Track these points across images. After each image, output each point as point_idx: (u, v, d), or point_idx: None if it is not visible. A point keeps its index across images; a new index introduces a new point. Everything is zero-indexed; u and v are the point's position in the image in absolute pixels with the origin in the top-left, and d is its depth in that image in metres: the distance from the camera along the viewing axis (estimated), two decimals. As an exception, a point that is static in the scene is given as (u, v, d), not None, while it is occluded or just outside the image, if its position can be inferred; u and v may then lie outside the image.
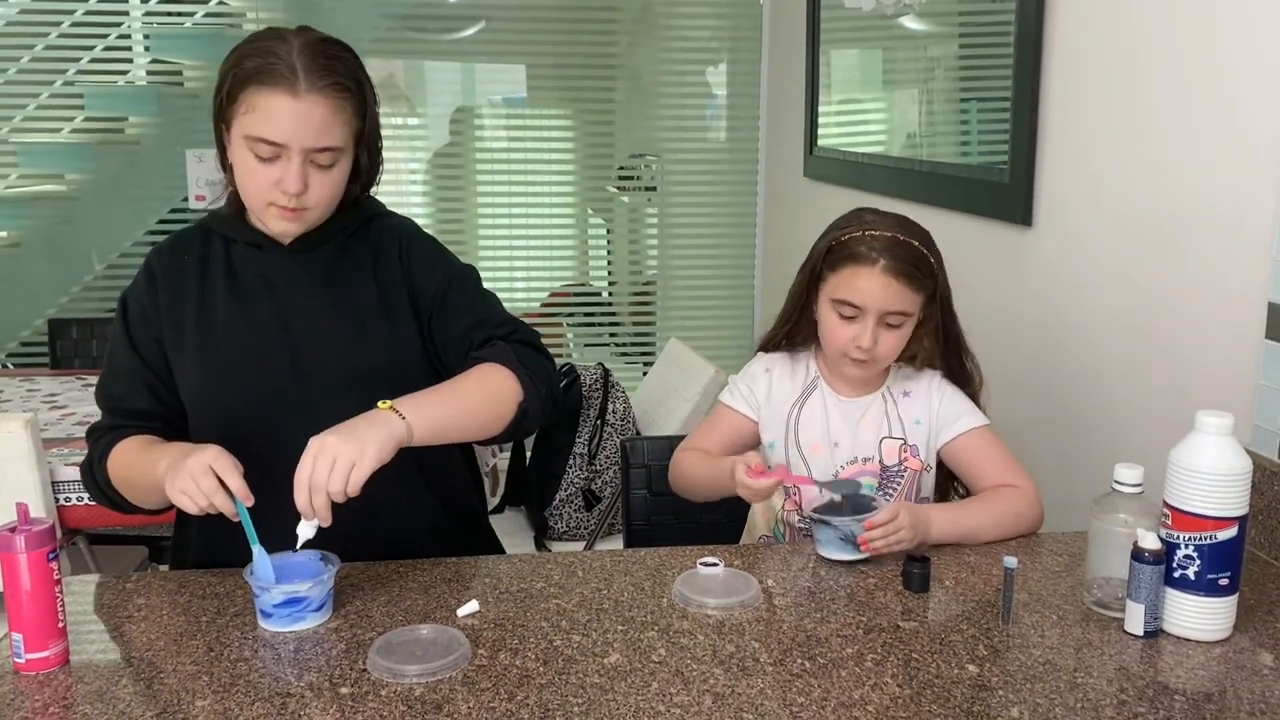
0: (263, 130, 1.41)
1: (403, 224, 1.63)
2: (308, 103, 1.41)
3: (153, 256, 1.58)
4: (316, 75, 1.41)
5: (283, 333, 1.52)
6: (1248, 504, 1.23)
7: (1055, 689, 1.14)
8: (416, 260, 1.58)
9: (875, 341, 1.57)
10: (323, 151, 1.44)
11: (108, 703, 1.11)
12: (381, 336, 1.54)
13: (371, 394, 1.42)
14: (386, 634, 1.24)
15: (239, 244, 1.55)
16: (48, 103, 3.96)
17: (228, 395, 1.51)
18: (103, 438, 1.53)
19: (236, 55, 1.44)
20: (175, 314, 1.53)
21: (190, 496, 1.30)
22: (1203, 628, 1.24)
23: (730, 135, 4.23)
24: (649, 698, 1.11)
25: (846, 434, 1.65)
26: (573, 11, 4.04)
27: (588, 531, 2.78)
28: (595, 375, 2.86)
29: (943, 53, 2.64)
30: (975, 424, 1.65)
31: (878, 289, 1.55)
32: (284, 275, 1.54)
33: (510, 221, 4.21)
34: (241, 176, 1.47)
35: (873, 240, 1.57)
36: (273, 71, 1.40)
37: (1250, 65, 1.54)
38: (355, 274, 1.57)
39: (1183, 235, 1.69)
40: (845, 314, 1.58)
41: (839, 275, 1.58)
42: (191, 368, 1.52)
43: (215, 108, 1.47)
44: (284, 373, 1.51)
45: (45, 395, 2.85)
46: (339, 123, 1.45)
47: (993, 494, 1.59)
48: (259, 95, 1.41)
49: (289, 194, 1.44)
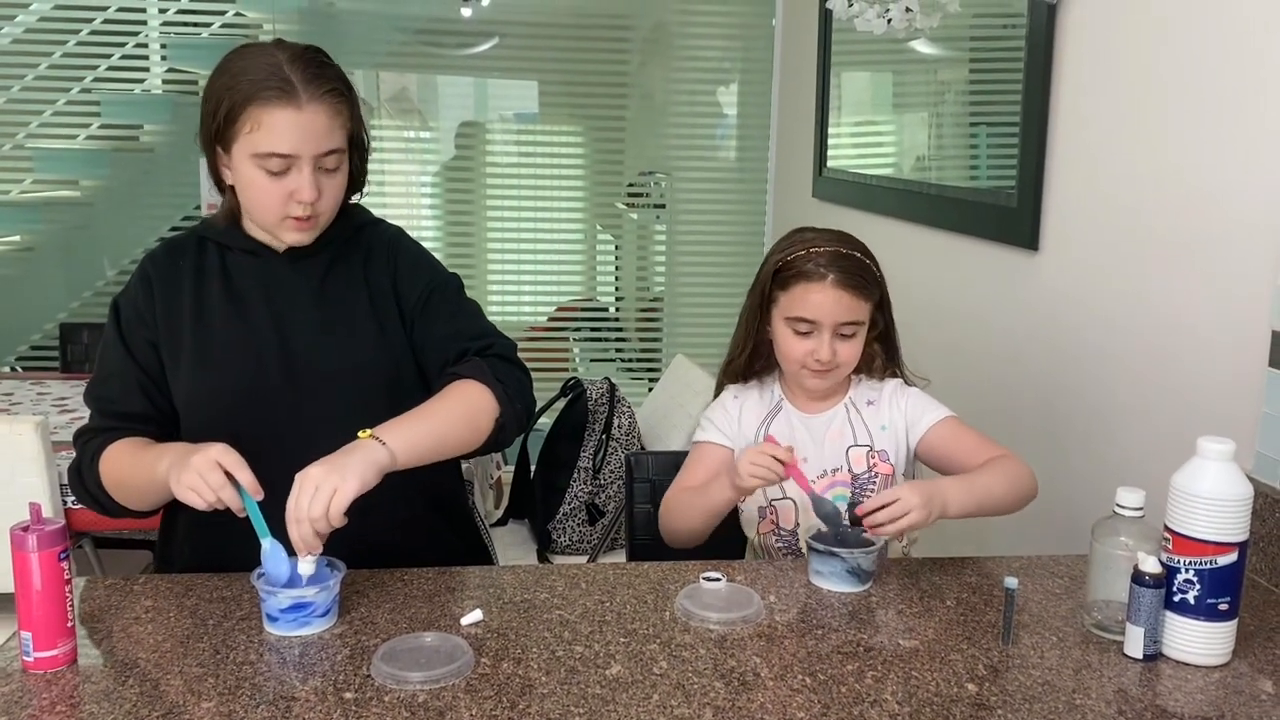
0: (272, 145, 1.43)
1: (390, 230, 1.67)
2: (309, 112, 1.44)
3: (147, 261, 1.60)
4: (314, 85, 1.45)
5: (278, 338, 1.54)
6: (1248, 530, 1.23)
7: (1054, 709, 1.14)
8: (402, 266, 1.62)
9: (834, 353, 1.62)
10: (329, 155, 1.48)
11: (114, 702, 1.12)
12: (372, 341, 1.56)
13: (364, 398, 1.44)
14: (391, 641, 1.25)
15: (235, 251, 1.58)
16: (64, 109, 4.00)
17: (222, 399, 1.52)
18: (94, 439, 1.53)
19: (227, 77, 1.45)
20: (171, 319, 1.55)
21: (199, 492, 1.31)
22: (1202, 652, 1.24)
23: (740, 155, 4.25)
24: (650, 709, 1.12)
25: (813, 448, 1.69)
26: (586, 29, 4.08)
27: (590, 546, 2.79)
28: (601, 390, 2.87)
29: (953, 77, 2.66)
30: (942, 415, 1.69)
31: (830, 302, 1.60)
32: (279, 282, 1.57)
33: (519, 236, 4.23)
34: (252, 194, 1.49)
35: (818, 256, 1.62)
36: (272, 87, 1.43)
37: (1257, 94, 1.55)
38: (348, 280, 1.59)
39: (1187, 262, 1.70)
40: (800, 330, 1.63)
41: (790, 294, 1.63)
42: (187, 372, 1.53)
43: (210, 132, 1.48)
44: (278, 377, 1.53)
45: (55, 399, 2.87)
46: (338, 126, 1.48)
47: (987, 464, 1.61)
48: (262, 112, 1.43)
49: (305, 204, 1.47)
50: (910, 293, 2.73)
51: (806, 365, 1.64)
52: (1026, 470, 1.60)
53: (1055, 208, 2.09)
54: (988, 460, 1.61)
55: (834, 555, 1.44)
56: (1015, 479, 1.58)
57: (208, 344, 1.53)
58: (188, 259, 1.58)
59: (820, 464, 1.68)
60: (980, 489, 1.55)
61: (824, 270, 1.61)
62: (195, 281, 1.56)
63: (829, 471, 1.67)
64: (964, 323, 2.47)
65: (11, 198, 4.05)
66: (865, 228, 3.10)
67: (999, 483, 1.56)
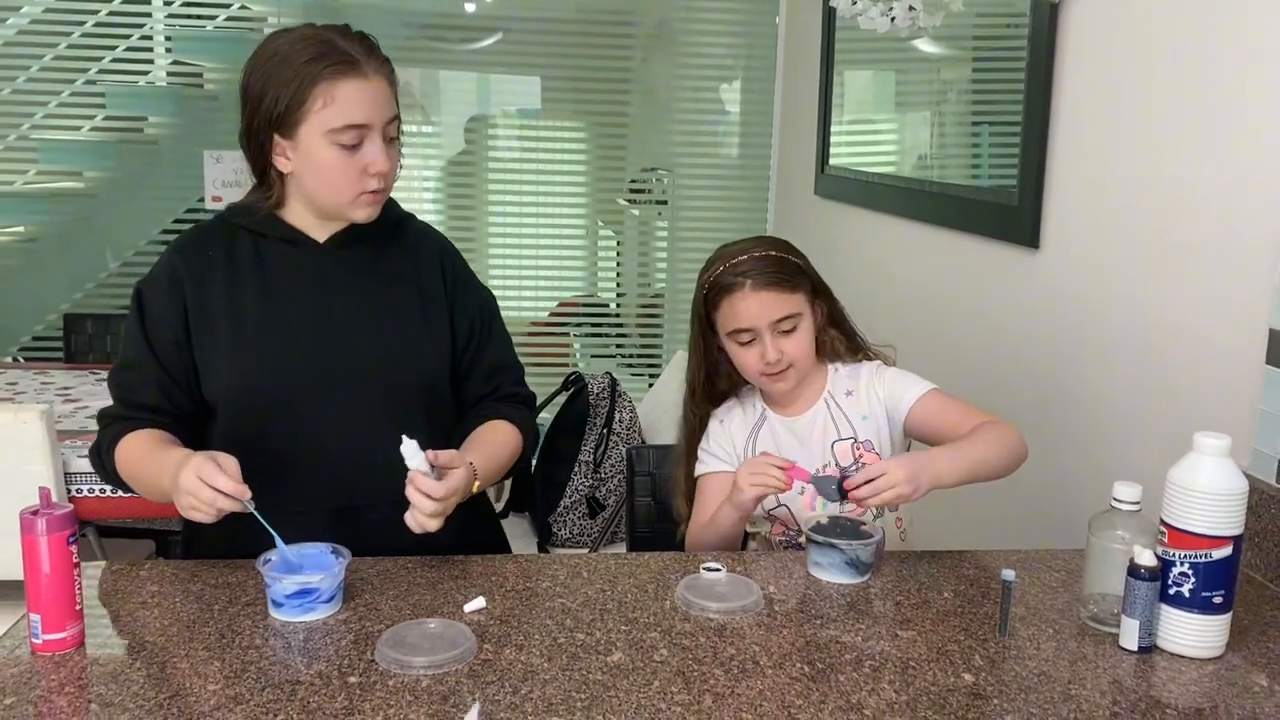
0: (348, 116, 1.46)
1: (438, 235, 1.71)
2: (375, 82, 1.49)
3: (174, 255, 1.57)
4: (372, 55, 1.49)
5: (316, 328, 1.55)
6: (1243, 524, 1.25)
7: (1049, 700, 1.16)
8: (459, 281, 1.67)
9: (780, 352, 1.64)
10: (392, 123, 1.51)
11: (121, 684, 1.14)
12: (414, 337, 1.59)
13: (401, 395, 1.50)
14: (394, 627, 1.27)
15: (269, 239, 1.57)
16: (69, 100, 4.01)
17: (259, 389, 1.53)
18: (112, 425, 1.55)
19: (277, 61, 1.46)
20: (204, 314, 1.54)
21: (198, 509, 1.33)
22: (1196, 644, 1.26)
23: (742, 152, 4.26)
24: (650, 695, 1.14)
25: (800, 451, 1.70)
26: (589, 25, 4.09)
27: (591, 539, 2.80)
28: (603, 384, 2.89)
29: (956, 76, 2.67)
30: (922, 390, 1.70)
31: (755, 306, 1.63)
32: (318, 271, 1.57)
33: (521, 231, 4.24)
34: (326, 174, 1.49)
35: (734, 267, 1.66)
36: (339, 61, 1.45)
37: (1257, 94, 1.57)
38: (392, 273, 1.61)
39: (1187, 260, 1.72)
40: (743, 340, 1.66)
41: (721, 311, 1.67)
42: (224, 363, 1.53)
43: (267, 120, 1.47)
44: (314, 366, 1.54)
45: (59, 388, 2.88)
46: (393, 94, 1.53)
47: (976, 430, 1.61)
48: (333, 86, 1.45)
49: (381, 174, 1.50)
50: (911, 290, 2.75)
51: (765, 372, 1.66)
52: (1015, 433, 1.61)
53: (1056, 206, 2.10)
54: (976, 427, 1.62)
55: (833, 547, 1.45)
56: (1004, 442, 1.59)
57: (242, 335, 1.53)
58: (218, 248, 1.57)
59: (809, 464, 1.68)
60: (971, 456, 1.56)
61: (742, 278, 1.64)
62: (228, 272, 1.55)
63: (818, 469, 1.68)
64: (964, 320, 2.49)
65: (16, 188, 4.06)
66: (867, 225, 3.13)
67: (989, 448, 1.57)
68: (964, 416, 1.65)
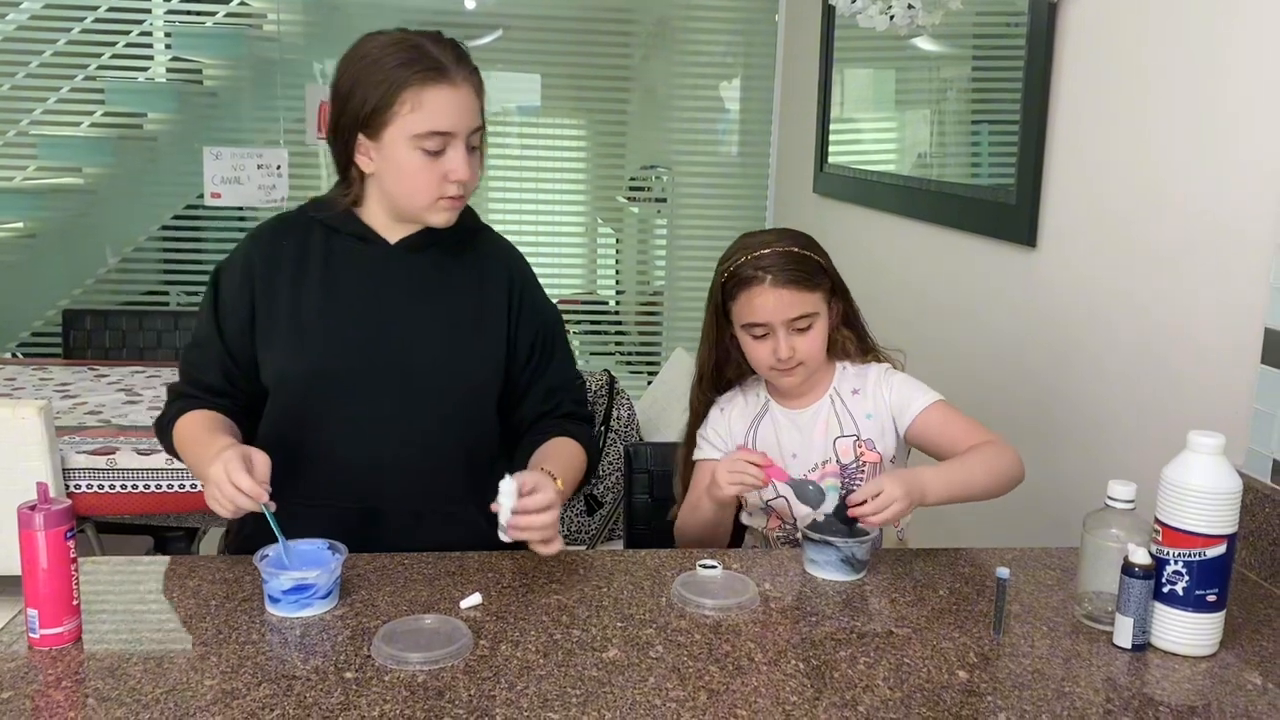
0: (433, 123, 1.46)
1: (512, 252, 1.71)
2: (464, 90, 1.49)
3: (251, 243, 1.61)
4: (461, 63, 1.50)
5: (365, 324, 1.55)
6: (1237, 522, 1.25)
7: (1043, 697, 1.16)
8: (526, 302, 1.66)
9: (792, 350, 1.64)
10: (475, 132, 1.52)
11: (118, 679, 1.14)
12: (464, 348, 1.58)
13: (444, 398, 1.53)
14: (391, 622, 1.27)
15: (342, 235, 1.59)
16: (68, 96, 4.01)
17: (302, 376, 1.55)
18: (175, 402, 1.59)
19: (367, 63, 1.47)
20: (268, 301, 1.56)
21: (220, 505, 1.35)
22: (1189, 642, 1.26)
23: (741, 150, 4.26)
24: (645, 691, 1.14)
25: (801, 443, 1.70)
26: (590, 23, 4.09)
27: (589, 536, 2.81)
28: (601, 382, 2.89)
29: (955, 74, 2.68)
30: (930, 400, 1.69)
31: (773, 303, 1.63)
32: (384, 271, 1.58)
33: (520, 229, 4.24)
34: (407, 177, 1.50)
35: (757, 260, 1.64)
36: (428, 68, 1.46)
37: (1253, 95, 1.57)
38: (458, 282, 1.61)
39: (1183, 259, 1.72)
40: (757, 334, 1.66)
41: (738, 303, 1.66)
42: (280, 351, 1.55)
43: (355, 120, 1.49)
44: (355, 361, 1.54)
45: (58, 384, 2.89)
46: (480, 104, 1.53)
47: (971, 450, 1.62)
48: (421, 92, 1.46)
49: (462, 181, 1.50)
50: (908, 288, 2.75)
51: (774, 367, 1.67)
52: (1011, 456, 1.61)
53: (1053, 205, 2.10)
54: (971, 447, 1.62)
55: (828, 545, 1.46)
56: (996, 465, 1.59)
57: (296, 323, 1.55)
58: (292, 239, 1.59)
59: (810, 457, 1.69)
60: (959, 479, 1.57)
61: (762, 273, 1.63)
62: (297, 263, 1.57)
63: (819, 464, 1.69)
64: (962, 318, 2.49)
65: (15, 184, 4.06)
66: (865, 223, 3.13)
67: (979, 471, 1.58)
68: (965, 433, 1.65)
